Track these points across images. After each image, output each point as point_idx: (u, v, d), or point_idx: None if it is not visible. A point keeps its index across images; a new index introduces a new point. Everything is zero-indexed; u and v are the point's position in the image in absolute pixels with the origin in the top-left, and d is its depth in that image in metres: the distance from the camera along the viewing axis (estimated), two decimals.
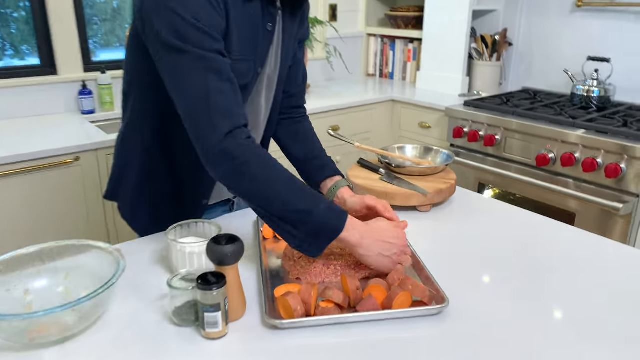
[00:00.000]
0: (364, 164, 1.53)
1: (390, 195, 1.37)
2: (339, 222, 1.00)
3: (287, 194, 0.99)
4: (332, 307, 0.93)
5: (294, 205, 0.98)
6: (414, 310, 0.94)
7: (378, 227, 1.05)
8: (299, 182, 1.02)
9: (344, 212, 1.02)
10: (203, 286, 0.86)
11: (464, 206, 1.44)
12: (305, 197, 0.99)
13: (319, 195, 1.01)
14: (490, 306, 0.98)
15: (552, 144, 2.28)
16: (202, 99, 0.97)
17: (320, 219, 0.98)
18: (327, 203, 1.00)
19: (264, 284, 1.02)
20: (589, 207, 2.19)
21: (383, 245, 1.03)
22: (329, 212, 0.99)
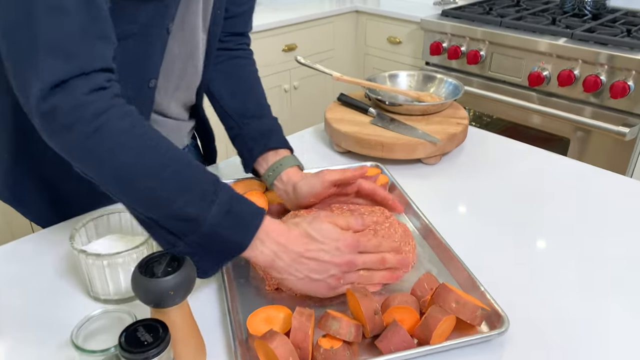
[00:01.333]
0: (346, 101, 1.16)
1: (387, 147, 1.01)
2: (241, 234, 0.63)
3: (164, 186, 0.60)
4: (340, 348, 0.61)
5: (173, 205, 0.60)
6: (464, 340, 0.63)
7: (305, 233, 0.67)
8: (186, 162, 0.63)
9: (254, 215, 0.65)
10: (131, 355, 0.51)
11: (481, 153, 1.11)
12: (192, 192, 0.61)
13: (217, 185, 0.63)
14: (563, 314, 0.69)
15: (547, 59, 1.96)
16: (23, 24, 0.55)
17: (212, 229, 0.61)
18: (226, 200, 0.62)
19: (229, 308, 0.67)
20: (586, 133, 1.93)
21: (309, 265, 0.66)
22: (226, 218, 0.62)
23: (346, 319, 0.61)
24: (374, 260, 0.69)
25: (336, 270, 0.67)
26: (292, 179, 0.83)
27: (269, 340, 0.58)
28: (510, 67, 2.07)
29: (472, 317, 0.64)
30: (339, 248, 0.67)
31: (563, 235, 0.85)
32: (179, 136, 0.95)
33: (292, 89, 2.42)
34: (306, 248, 0.66)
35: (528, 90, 2.05)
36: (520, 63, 2.04)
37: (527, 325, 0.67)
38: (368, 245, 0.69)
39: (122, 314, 0.59)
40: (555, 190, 0.97)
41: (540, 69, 1.97)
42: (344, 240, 0.67)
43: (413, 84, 1.23)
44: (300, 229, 0.67)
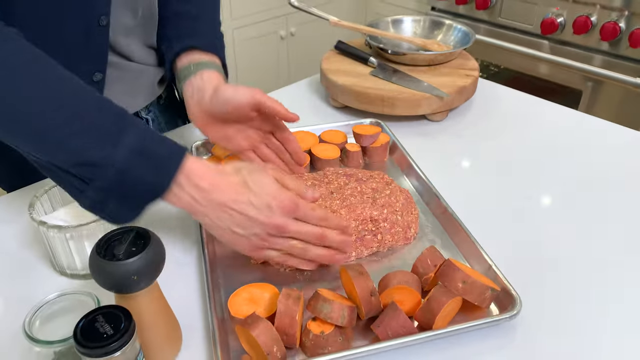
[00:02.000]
0: (344, 49, 1.05)
1: (388, 101, 0.92)
2: (157, 177, 0.54)
3: (57, 126, 0.51)
4: (332, 333, 0.54)
5: (70, 149, 0.51)
6: (467, 326, 0.56)
7: (241, 181, 0.57)
8: (84, 96, 0.53)
9: (173, 155, 0.55)
10: (88, 350, 0.44)
11: (492, 108, 1.02)
12: (93, 133, 0.51)
13: (125, 122, 0.53)
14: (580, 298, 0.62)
15: (562, 4, 1.83)
16: None
17: (120, 173, 0.51)
18: (136, 140, 0.52)
19: (209, 286, 0.60)
20: (599, 85, 1.82)
21: (233, 217, 0.56)
22: (138, 160, 0.52)
23: (338, 301, 0.54)
24: (311, 233, 0.59)
25: (261, 230, 0.57)
26: (213, 80, 0.72)
27: (251, 327, 0.52)
28: (522, 13, 1.94)
29: (480, 299, 0.57)
30: (271, 207, 0.56)
31: (582, 200, 0.77)
32: (147, 84, 0.85)
33: (289, 36, 2.29)
34: (234, 198, 0.56)
35: (540, 38, 1.92)
36: (532, 9, 1.90)
37: (540, 304, 0.61)
38: (309, 214, 0.59)
39: (82, 296, 0.52)
40: (572, 148, 0.89)
41: (555, 15, 1.83)
42: (279, 200, 0.56)
43: (419, 30, 1.12)
44: (239, 176, 0.58)
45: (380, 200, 0.68)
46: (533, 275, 0.65)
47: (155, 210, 0.60)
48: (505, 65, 2.06)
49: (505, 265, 0.62)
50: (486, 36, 2.02)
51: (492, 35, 2.02)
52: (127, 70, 0.79)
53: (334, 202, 0.68)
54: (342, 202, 0.68)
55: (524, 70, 2.00)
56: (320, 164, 0.81)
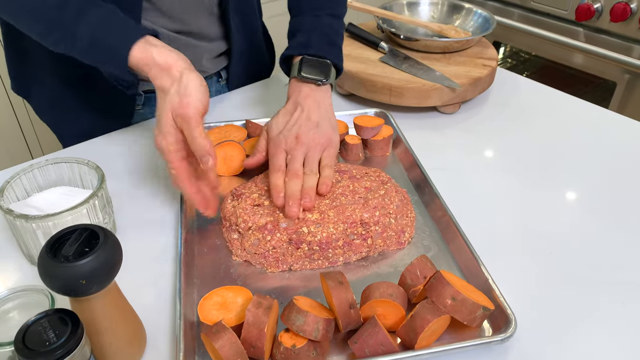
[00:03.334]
0: (355, 32, 0.99)
1: (396, 91, 0.86)
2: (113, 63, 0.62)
3: None
4: (304, 347, 0.50)
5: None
6: (454, 347, 0.51)
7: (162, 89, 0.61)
8: None
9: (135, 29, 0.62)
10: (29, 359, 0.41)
11: (509, 101, 0.94)
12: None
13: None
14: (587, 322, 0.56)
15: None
16: None
17: (84, 50, 0.63)
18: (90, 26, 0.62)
19: (180, 286, 0.56)
20: (636, 77, 1.70)
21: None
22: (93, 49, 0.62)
23: (313, 314, 0.50)
24: (175, 164, 0.62)
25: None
26: None
27: (214, 338, 0.48)
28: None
29: (470, 318, 0.51)
30: (161, 130, 0.61)
31: (602, 211, 0.70)
32: (195, 58, 0.83)
33: None
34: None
35: (575, 25, 1.81)
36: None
37: (539, 327, 0.55)
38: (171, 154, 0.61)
39: (36, 294, 0.48)
40: (596, 150, 0.81)
41: (591, 1, 1.72)
42: (161, 136, 0.61)
43: (436, 14, 1.05)
44: (170, 95, 0.61)
45: (373, 201, 0.63)
46: (535, 294, 0.59)
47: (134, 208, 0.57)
48: (536, 53, 1.96)
49: (505, 280, 0.57)
50: (517, 21, 1.91)
51: (523, 21, 1.91)
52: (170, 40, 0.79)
53: (323, 201, 0.63)
54: (332, 202, 0.63)
55: (556, 59, 1.89)
56: None
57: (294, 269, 0.61)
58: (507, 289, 0.56)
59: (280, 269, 0.61)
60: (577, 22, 1.78)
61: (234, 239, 0.63)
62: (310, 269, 0.62)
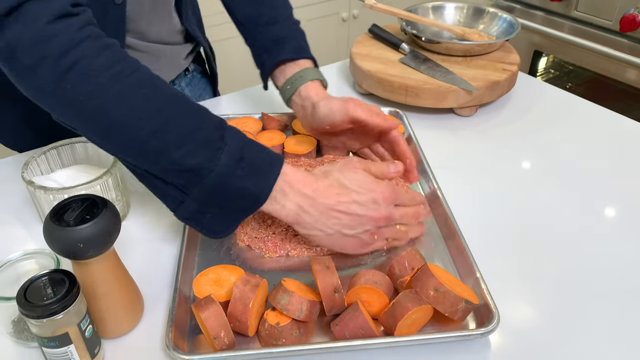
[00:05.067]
0: (378, 33, 1.01)
1: (412, 91, 0.87)
2: (258, 184, 0.54)
3: (157, 135, 0.50)
4: (287, 325, 0.52)
5: (170, 157, 0.51)
6: (433, 337, 0.52)
7: (336, 182, 0.58)
8: (183, 104, 0.53)
9: (273, 162, 0.55)
10: (27, 311, 0.45)
11: (529, 107, 0.94)
12: (194, 140, 0.51)
13: (224, 130, 0.53)
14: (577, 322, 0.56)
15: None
16: None
17: (221, 180, 0.52)
18: (236, 147, 0.53)
19: (180, 262, 0.59)
20: None
21: (341, 220, 0.57)
22: (238, 167, 0.52)
23: (298, 295, 0.52)
24: (410, 214, 0.62)
25: (371, 226, 0.58)
26: (311, 97, 0.72)
27: (201, 310, 0.51)
28: (601, 7, 1.78)
29: (452, 311, 0.52)
30: (376, 200, 0.58)
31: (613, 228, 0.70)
32: (172, 62, 0.86)
33: (350, 19, 2.24)
34: (338, 200, 0.57)
35: (618, 36, 1.76)
36: (613, 2, 1.74)
37: (523, 328, 0.55)
38: (405, 198, 0.61)
39: (44, 257, 0.53)
40: (617, 163, 0.80)
41: (637, 11, 1.67)
42: (381, 192, 0.58)
43: (462, 18, 1.05)
44: (331, 178, 0.58)
45: None
46: (527, 295, 0.59)
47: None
48: (581, 65, 1.91)
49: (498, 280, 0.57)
50: (560, 31, 1.87)
51: (566, 31, 1.87)
52: (146, 52, 0.79)
53: None
54: None
55: (603, 72, 1.83)
56: (326, 150, 0.78)
57: (291, 254, 0.64)
58: (498, 288, 0.56)
59: (277, 254, 0.63)
60: (621, 33, 1.73)
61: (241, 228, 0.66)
62: (308, 255, 0.64)
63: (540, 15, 1.94)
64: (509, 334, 0.54)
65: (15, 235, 0.67)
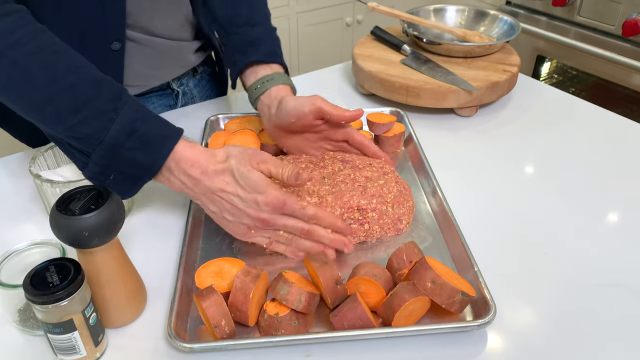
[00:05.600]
0: (380, 35, 1.02)
1: (413, 91, 0.88)
2: (148, 157, 0.57)
3: (54, 101, 0.54)
4: (286, 316, 0.53)
5: (66, 123, 0.55)
6: (430, 328, 0.53)
7: (228, 170, 0.58)
8: (83, 75, 0.56)
9: (165, 139, 0.58)
10: (34, 296, 0.46)
11: (529, 108, 0.95)
12: (86, 110, 0.55)
13: (120, 103, 0.56)
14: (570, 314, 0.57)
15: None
16: None
17: (113, 150, 0.55)
18: (129, 120, 0.56)
19: (183, 254, 0.61)
20: None
21: (222, 204, 0.59)
22: (130, 139, 0.56)
23: (298, 285, 0.53)
24: (299, 228, 0.59)
25: (248, 221, 0.59)
26: (279, 94, 0.73)
27: (203, 299, 0.52)
28: (604, 12, 1.79)
29: (449, 302, 0.53)
30: (258, 203, 0.57)
31: (608, 226, 0.70)
32: (176, 57, 0.87)
33: (355, 23, 2.26)
34: (222, 187, 0.58)
35: (621, 40, 1.77)
36: (615, 8, 1.75)
37: (520, 322, 0.56)
38: (297, 212, 0.58)
39: (51, 247, 0.54)
40: (618, 164, 0.80)
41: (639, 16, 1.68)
42: (266, 197, 0.57)
43: (463, 21, 1.06)
44: (226, 164, 0.59)
45: (372, 189, 0.66)
46: (524, 290, 0.60)
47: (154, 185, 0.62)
48: (586, 70, 1.92)
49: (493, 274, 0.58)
50: (563, 36, 1.88)
51: (569, 36, 1.88)
52: (149, 45, 0.81)
53: (323, 187, 0.67)
54: (332, 189, 0.66)
55: (607, 77, 1.84)
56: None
57: None
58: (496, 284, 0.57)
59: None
60: (625, 38, 1.74)
61: None
62: None
63: (544, 21, 1.95)
64: (506, 329, 0.55)
65: (23, 228, 0.68)
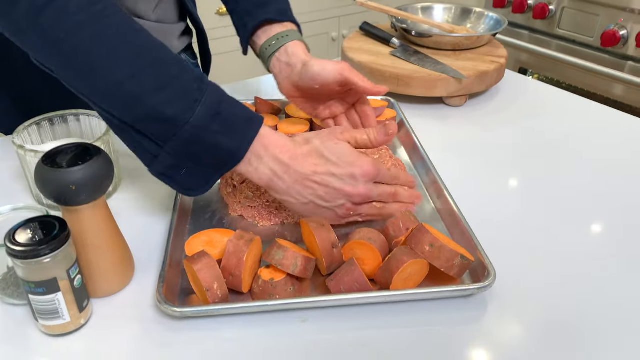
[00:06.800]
0: (368, 30, 1.03)
1: (403, 80, 0.89)
2: (234, 140, 0.53)
3: (136, 79, 0.49)
4: (282, 281, 0.51)
5: (147, 103, 0.49)
6: (429, 292, 0.51)
7: (315, 151, 0.56)
8: (164, 53, 0.52)
9: (251, 121, 0.54)
10: (16, 251, 0.43)
11: (517, 99, 0.96)
12: (172, 88, 0.50)
13: (203, 83, 0.52)
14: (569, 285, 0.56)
15: (626, 17, 1.71)
16: None
17: (196, 133, 0.50)
18: (215, 100, 0.52)
19: (172, 226, 0.59)
20: None
21: (316, 191, 0.56)
22: (215, 121, 0.51)
23: (293, 250, 0.51)
24: (388, 193, 0.59)
25: (346, 200, 0.57)
26: (300, 55, 0.70)
27: (194, 262, 0.50)
28: (583, 25, 1.84)
29: (448, 266, 0.52)
30: (354, 176, 0.56)
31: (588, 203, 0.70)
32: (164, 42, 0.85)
33: (340, 38, 2.29)
34: (314, 170, 0.55)
35: (601, 52, 1.81)
36: (594, 20, 1.80)
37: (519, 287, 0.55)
38: (386, 176, 0.59)
39: (34, 213, 0.52)
40: (598, 150, 0.81)
41: (617, 27, 1.73)
42: (360, 167, 0.56)
43: (450, 18, 1.08)
44: (311, 145, 0.57)
45: None
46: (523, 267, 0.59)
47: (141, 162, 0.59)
48: (568, 82, 1.96)
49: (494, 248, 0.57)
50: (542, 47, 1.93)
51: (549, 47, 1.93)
52: None
53: None
54: None
55: (589, 88, 1.87)
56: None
57: (287, 222, 0.63)
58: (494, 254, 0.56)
59: (272, 222, 0.63)
60: (603, 48, 1.79)
61: (229, 192, 0.66)
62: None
63: (526, 34, 2.00)
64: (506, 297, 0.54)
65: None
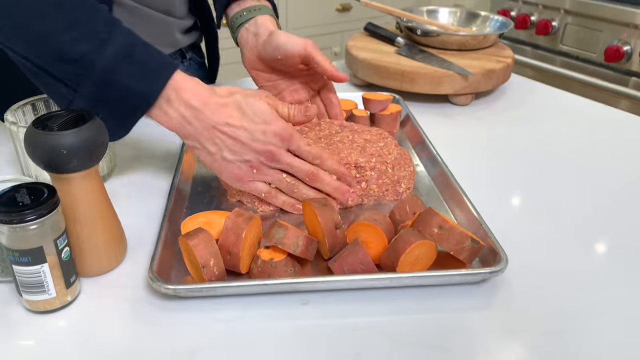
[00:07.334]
0: (373, 30, 1.02)
1: (408, 76, 0.87)
2: (144, 83, 0.52)
3: (45, 15, 0.50)
4: (282, 261, 0.48)
5: (56, 41, 0.50)
6: (439, 274, 0.49)
7: (234, 104, 0.55)
8: (80, 1, 0.52)
9: (163, 65, 0.54)
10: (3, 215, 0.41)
11: (524, 100, 0.94)
12: (82, 28, 0.51)
13: (114, 26, 0.52)
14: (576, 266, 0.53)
15: (630, 32, 1.72)
16: None
17: (106, 75, 0.51)
18: (125, 43, 0.52)
19: (167, 208, 0.56)
20: None
21: (224, 141, 0.55)
22: (124, 63, 0.51)
23: (294, 229, 0.49)
24: (303, 169, 0.57)
25: (252, 157, 0.55)
26: (268, 26, 0.71)
27: (190, 238, 0.47)
28: (586, 41, 1.84)
29: (457, 249, 0.49)
30: (265, 132, 0.54)
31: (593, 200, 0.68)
32: (163, 33, 0.84)
33: (342, 53, 2.29)
34: (227, 121, 0.54)
35: (604, 68, 1.81)
36: (597, 36, 1.80)
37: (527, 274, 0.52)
38: (303, 149, 0.57)
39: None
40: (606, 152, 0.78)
41: (621, 43, 1.72)
42: (274, 127, 0.54)
43: (455, 22, 1.07)
44: (232, 98, 0.55)
45: (371, 149, 0.63)
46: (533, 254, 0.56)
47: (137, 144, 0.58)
48: None
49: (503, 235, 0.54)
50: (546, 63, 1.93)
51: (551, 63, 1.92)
52: (137, 15, 0.78)
53: (320, 145, 0.63)
54: (328, 147, 0.63)
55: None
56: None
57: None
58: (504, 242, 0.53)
59: (271, 207, 0.60)
60: (606, 63, 1.78)
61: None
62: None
63: (529, 50, 2.00)
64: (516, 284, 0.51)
65: None
